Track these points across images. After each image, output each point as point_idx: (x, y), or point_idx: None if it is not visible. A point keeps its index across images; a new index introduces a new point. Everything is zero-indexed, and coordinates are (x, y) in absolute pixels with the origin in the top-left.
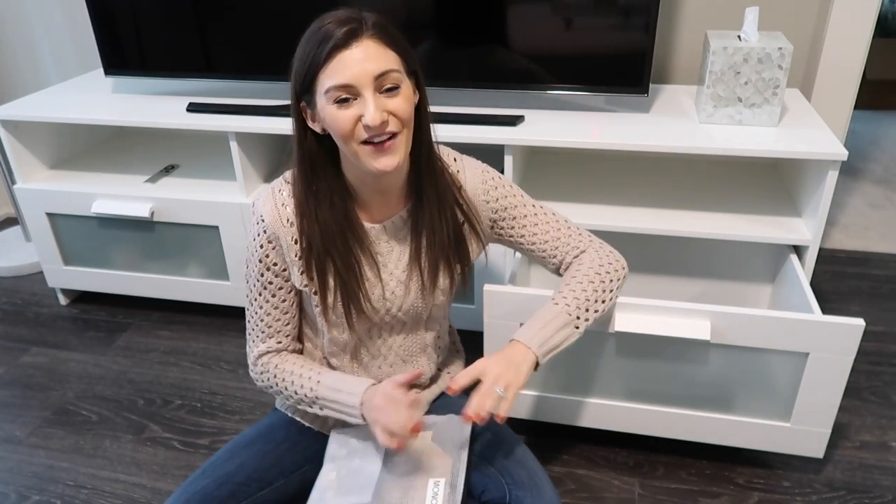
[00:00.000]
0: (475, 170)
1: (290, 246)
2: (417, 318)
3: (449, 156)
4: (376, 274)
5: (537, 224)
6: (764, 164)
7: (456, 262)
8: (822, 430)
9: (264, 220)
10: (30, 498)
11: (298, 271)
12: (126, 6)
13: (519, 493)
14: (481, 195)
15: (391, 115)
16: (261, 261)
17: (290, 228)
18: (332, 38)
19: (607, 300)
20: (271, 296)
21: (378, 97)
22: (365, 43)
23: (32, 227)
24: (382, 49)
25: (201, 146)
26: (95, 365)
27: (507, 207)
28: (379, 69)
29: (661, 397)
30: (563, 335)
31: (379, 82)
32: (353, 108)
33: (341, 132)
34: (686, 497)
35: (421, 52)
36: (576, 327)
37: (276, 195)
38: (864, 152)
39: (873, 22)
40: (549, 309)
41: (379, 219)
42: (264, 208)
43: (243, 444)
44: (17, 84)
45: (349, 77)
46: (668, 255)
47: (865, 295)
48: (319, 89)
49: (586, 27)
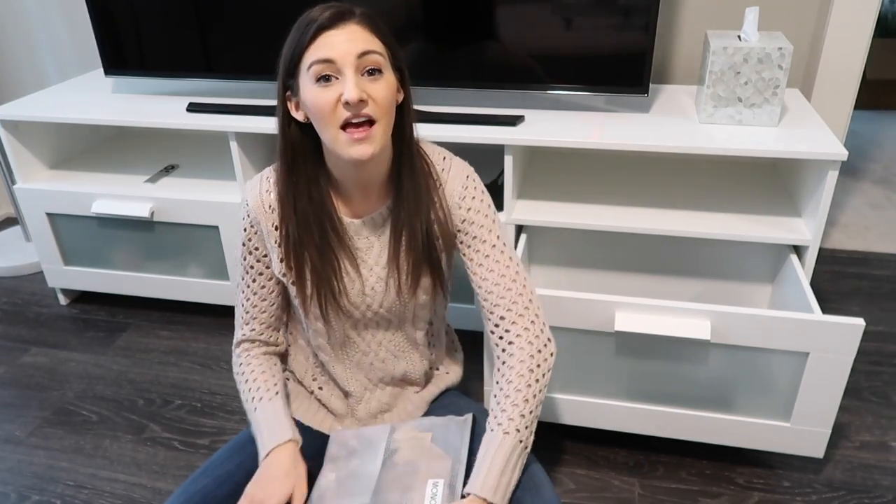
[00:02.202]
0: (460, 173)
1: (271, 232)
2: (402, 315)
3: (439, 154)
4: (355, 269)
5: (488, 258)
6: (764, 164)
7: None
8: (822, 430)
9: (248, 205)
10: (30, 498)
11: (278, 258)
12: (126, 6)
13: (519, 494)
14: (457, 198)
15: (371, 99)
16: (244, 244)
17: (272, 214)
18: (317, 20)
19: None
20: (252, 280)
21: (359, 78)
22: (351, 26)
23: (32, 227)
24: (368, 34)
25: (201, 146)
26: (95, 365)
27: (474, 224)
28: (362, 48)
29: (661, 397)
30: (519, 466)
31: (361, 62)
32: (334, 88)
33: (321, 112)
34: (686, 497)
35: (421, 52)
36: (525, 448)
37: (262, 182)
38: (864, 152)
39: (873, 22)
40: (502, 444)
41: (359, 214)
42: (250, 194)
43: (243, 444)
44: (17, 84)
45: (332, 53)
46: (668, 255)
47: (865, 295)
48: (303, 68)
49: (586, 27)
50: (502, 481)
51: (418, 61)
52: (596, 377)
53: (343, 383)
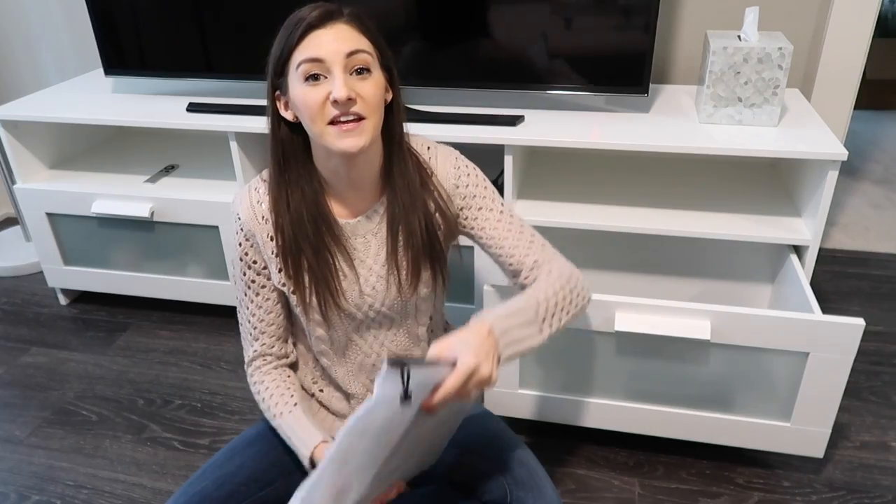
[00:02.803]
0: (448, 157)
1: (266, 243)
2: (404, 311)
3: (423, 145)
4: (352, 269)
5: (500, 222)
6: (764, 164)
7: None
8: (822, 430)
9: (241, 218)
10: (30, 498)
11: (276, 269)
12: (126, 6)
13: (520, 493)
14: (452, 179)
15: (359, 97)
16: (241, 259)
17: (266, 225)
18: (306, 19)
19: (570, 314)
20: (255, 295)
21: (347, 77)
22: (339, 25)
23: (32, 227)
24: (356, 34)
25: (201, 146)
26: (95, 365)
27: (476, 197)
28: (350, 47)
29: (661, 397)
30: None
31: (350, 62)
32: (323, 87)
33: (310, 110)
34: (686, 497)
35: (421, 52)
36: (539, 331)
37: (251, 193)
38: (864, 152)
39: (873, 22)
40: (519, 300)
41: (353, 214)
42: (240, 206)
43: (243, 445)
44: (17, 84)
45: (320, 52)
46: (669, 255)
47: (865, 295)
48: (292, 67)
49: (586, 27)
50: (509, 322)
51: (418, 61)
52: (596, 377)
53: (345, 386)
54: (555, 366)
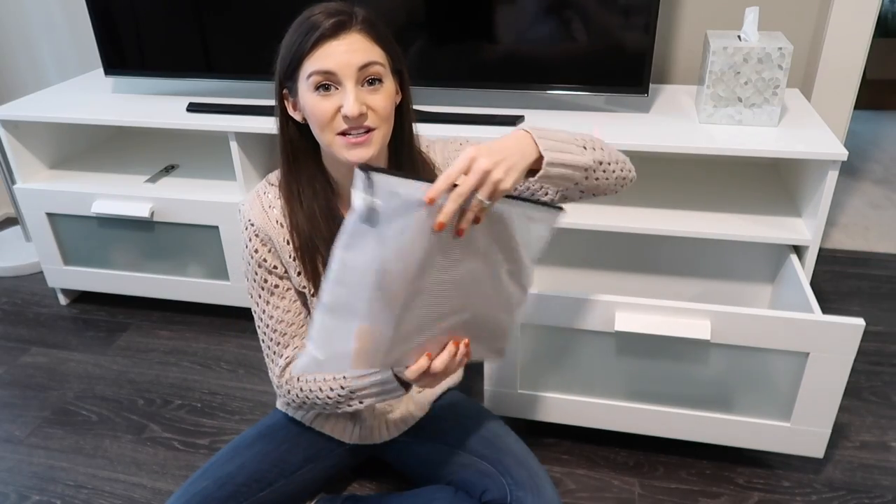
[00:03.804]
0: (444, 146)
1: (283, 247)
2: None
3: (422, 144)
4: None
5: None
6: (764, 164)
7: None
8: (822, 430)
9: (254, 224)
10: (30, 498)
11: (295, 272)
12: (126, 6)
13: (520, 493)
14: (452, 156)
15: (370, 109)
16: (259, 265)
17: (281, 229)
18: (319, 27)
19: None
20: (280, 299)
21: (359, 90)
22: (352, 36)
23: (32, 227)
24: (369, 43)
25: (201, 146)
26: (95, 365)
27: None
28: (363, 60)
29: (661, 397)
30: (568, 147)
31: (362, 74)
32: (334, 99)
33: (319, 121)
34: (686, 497)
35: (421, 52)
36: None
37: (261, 198)
38: (864, 152)
39: (873, 22)
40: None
41: None
42: (252, 213)
43: (244, 445)
44: (17, 84)
45: (332, 65)
46: (669, 255)
47: (865, 295)
48: (302, 75)
49: (586, 27)
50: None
51: (418, 61)
52: (596, 377)
53: None
54: (555, 366)
